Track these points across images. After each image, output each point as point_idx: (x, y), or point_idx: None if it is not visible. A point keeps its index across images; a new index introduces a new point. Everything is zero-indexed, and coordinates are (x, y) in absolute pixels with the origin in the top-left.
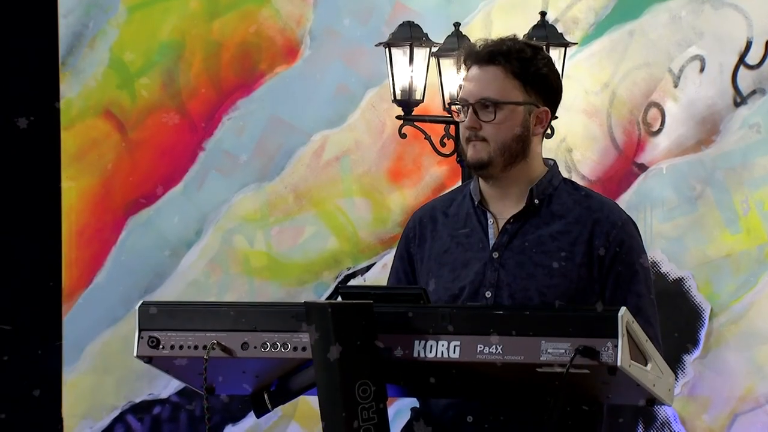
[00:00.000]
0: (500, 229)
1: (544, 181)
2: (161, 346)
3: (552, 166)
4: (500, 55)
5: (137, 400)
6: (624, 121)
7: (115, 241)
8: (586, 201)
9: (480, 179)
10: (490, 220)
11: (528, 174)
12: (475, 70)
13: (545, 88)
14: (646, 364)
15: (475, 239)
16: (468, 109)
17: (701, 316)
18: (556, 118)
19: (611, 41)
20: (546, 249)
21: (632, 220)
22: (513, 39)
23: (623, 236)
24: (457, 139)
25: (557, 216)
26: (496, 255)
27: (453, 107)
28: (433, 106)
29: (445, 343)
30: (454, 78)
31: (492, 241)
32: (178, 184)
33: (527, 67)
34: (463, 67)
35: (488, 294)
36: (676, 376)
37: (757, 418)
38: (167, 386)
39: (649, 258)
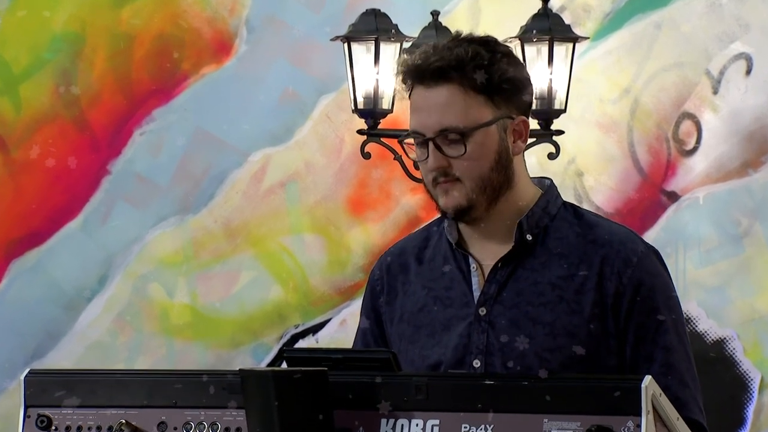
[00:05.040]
0: (486, 276)
1: (537, 210)
2: (54, 428)
3: (548, 187)
4: (452, 68)
5: None
6: (649, 137)
7: None
8: (590, 233)
9: None
10: (473, 266)
11: (515, 203)
12: (422, 92)
13: (515, 93)
14: None
15: (457, 292)
16: (426, 146)
17: (749, 388)
18: (562, 132)
19: (633, 35)
20: (546, 300)
21: (654, 250)
22: (459, 39)
23: (641, 275)
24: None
25: (557, 255)
26: (483, 311)
27: (405, 142)
28: (404, 117)
29: (420, 422)
30: None
31: (477, 294)
32: (76, 217)
33: (490, 74)
34: (403, 87)
35: (476, 363)
36: None
37: None
38: None
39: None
